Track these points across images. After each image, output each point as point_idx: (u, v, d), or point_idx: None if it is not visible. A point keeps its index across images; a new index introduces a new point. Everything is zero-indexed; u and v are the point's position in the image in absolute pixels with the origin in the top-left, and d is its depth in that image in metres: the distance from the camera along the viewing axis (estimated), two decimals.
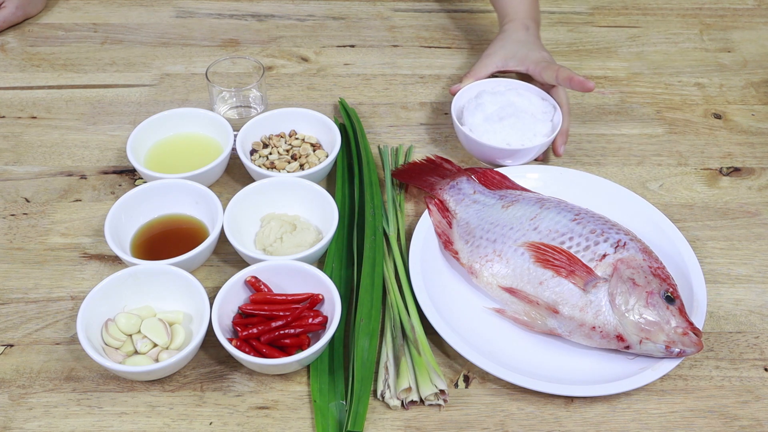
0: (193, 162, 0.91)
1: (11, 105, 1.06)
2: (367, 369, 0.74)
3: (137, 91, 1.09)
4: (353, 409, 0.71)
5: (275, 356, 0.74)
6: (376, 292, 0.80)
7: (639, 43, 1.21)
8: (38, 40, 1.17)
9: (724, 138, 1.05)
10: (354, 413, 0.70)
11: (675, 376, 0.77)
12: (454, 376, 0.77)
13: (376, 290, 0.80)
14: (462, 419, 0.74)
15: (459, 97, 0.99)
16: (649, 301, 0.75)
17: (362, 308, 0.78)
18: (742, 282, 0.87)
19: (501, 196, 0.88)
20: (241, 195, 0.87)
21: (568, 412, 0.74)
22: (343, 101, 1.05)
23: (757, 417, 0.75)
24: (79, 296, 0.82)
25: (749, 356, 0.80)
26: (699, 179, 0.99)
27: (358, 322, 0.77)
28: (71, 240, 0.89)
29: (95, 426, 0.72)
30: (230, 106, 1.01)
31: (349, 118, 1.01)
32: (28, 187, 0.95)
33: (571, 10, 1.28)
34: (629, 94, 1.12)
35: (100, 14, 1.23)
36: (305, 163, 0.94)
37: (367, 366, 0.74)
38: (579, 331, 0.76)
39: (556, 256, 0.78)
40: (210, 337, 0.75)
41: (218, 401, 0.74)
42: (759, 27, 1.25)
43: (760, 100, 1.11)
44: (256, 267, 0.79)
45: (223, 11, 1.25)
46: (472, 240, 0.84)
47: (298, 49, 1.18)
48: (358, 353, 0.75)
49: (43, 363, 0.77)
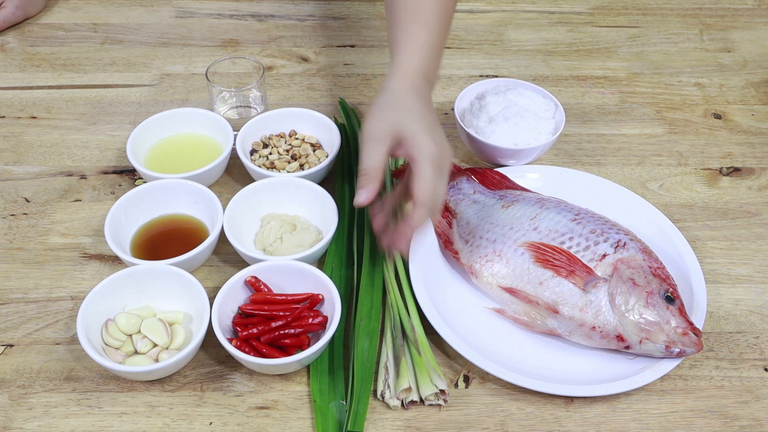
0: (193, 162, 0.91)
1: (11, 105, 1.06)
2: (367, 369, 0.74)
3: (137, 91, 1.09)
4: (353, 409, 0.71)
5: (275, 356, 0.74)
6: (376, 292, 0.80)
7: (639, 43, 1.21)
8: (38, 40, 1.17)
9: (724, 138, 1.05)
10: (354, 413, 0.70)
11: (675, 376, 0.77)
12: (454, 376, 0.77)
13: (376, 290, 0.80)
14: (462, 419, 0.74)
15: (461, 99, 0.99)
16: (649, 301, 0.75)
17: (362, 308, 0.78)
18: (742, 282, 0.87)
19: (501, 196, 0.88)
20: (241, 195, 0.87)
21: (568, 412, 0.74)
22: (343, 101, 1.05)
23: (757, 417, 0.75)
24: (79, 296, 0.82)
25: (749, 356, 0.80)
26: (699, 179, 0.99)
27: (358, 322, 0.77)
28: (71, 240, 0.89)
29: (95, 426, 0.72)
30: (230, 106, 1.01)
31: (349, 118, 1.01)
32: (28, 187, 0.95)
33: (571, 10, 1.28)
34: (629, 94, 1.12)
35: (100, 14, 1.23)
36: (305, 163, 0.94)
37: (367, 366, 0.74)
38: (579, 331, 0.76)
39: (556, 256, 0.78)
40: (210, 337, 0.75)
41: (218, 401, 0.74)
42: (759, 27, 1.25)
43: (760, 100, 1.11)
44: (256, 267, 0.79)
45: (223, 11, 1.25)
46: (472, 240, 0.84)
47: (298, 49, 1.18)
48: (358, 353, 0.75)
49: (43, 363, 0.77)
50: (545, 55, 1.18)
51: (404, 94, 0.79)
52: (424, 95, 0.80)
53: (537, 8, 1.28)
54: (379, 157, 0.76)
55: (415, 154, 0.75)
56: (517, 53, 1.18)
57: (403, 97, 0.79)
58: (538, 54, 1.18)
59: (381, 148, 0.76)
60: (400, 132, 0.76)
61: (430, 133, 0.76)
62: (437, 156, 0.75)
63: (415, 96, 0.79)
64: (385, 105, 0.79)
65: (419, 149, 0.75)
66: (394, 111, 0.78)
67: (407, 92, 0.79)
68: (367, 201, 0.77)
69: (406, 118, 0.77)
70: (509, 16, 1.26)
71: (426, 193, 0.74)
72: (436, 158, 0.75)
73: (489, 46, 1.20)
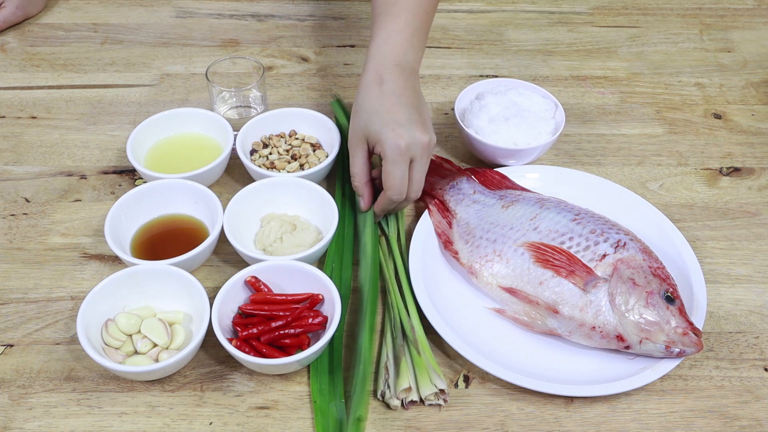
0: (193, 162, 0.91)
1: (11, 105, 1.06)
2: (366, 369, 0.74)
3: (137, 91, 1.09)
4: (353, 408, 0.71)
5: (275, 356, 0.74)
6: (375, 292, 0.80)
7: (639, 43, 1.21)
8: (38, 40, 1.17)
9: (724, 138, 1.05)
10: (354, 412, 0.70)
11: (675, 376, 0.77)
12: (454, 376, 0.77)
13: (376, 290, 0.80)
14: (462, 419, 0.74)
15: (461, 99, 0.99)
16: (649, 301, 0.75)
17: (362, 308, 0.78)
18: (742, 282, 0.87)
19: (501, 196, 0.88)
20: (241, 195, 0.87)
21: (568, 412, 0.74)
22: (339, 100, 1.04)
23: (757, 417, 0.75)
24: (79, 296, 0.82)
25: (749, 356, 0.80)
26: (699, 179, 0.99)
27: (359, 321, 0.77)
28: (71, 240, 0.89)
29: (95, 426, 0.72)
30: (230, 106, 1.01)
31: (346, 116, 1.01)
32: (28, 187, 0.95)
33: (571, 10, 1.28)
34: (629, 94, 1.12)
35: (100, 14, 1.23)
36: (305, 163, 0.94)
37: (367, 366, 0.74)
38: (579, 331, 0.76)
39: (556, 256, 0.78)
40: (210, 337, 0.75)
41: (218, 401, 0.74)
42: (759, 27, 1.25)
43: (760, 100, 1.11)
44: (256, 267, 0.79)
45: (223, 11, 1.25)
46: (472, 240, 0.84)
47: (298, 49, 1.18)
48: (359, 353, 0.75)
49: (43, 363, 0.77)
50: (545, 55, 1.18)
51: (366, 94, 0.82)
52: (391, 86, 0.82)
53: (537, 8, 1.28)
54: (361, 161, 0.84)
55: (383, 152, 0.80)
56: (517, 53, 1.18)
57: (366, 98, 0.82)
58: (538, 54, 1.18)
59: (360, 153, 0.83)
60: (368, 136, 0.82)
61: (394, 127, 0.79)
62: (403, 148, 0.79)
63: (378, 91, 0.81)
64: (357, 108, 0.83)
65: (382, 147, 0.80)
66: (361, 114, 0.82)
67: (370, 90, 0.82)
68: (368, 204, 0.86)
69: (370, 119, 0.81)
70: (509, 16, 1.26)
71: (389, 185, 0.81)
72: (400, 149, 0.79)
73: (489, 46, 1.20)
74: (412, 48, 0.85)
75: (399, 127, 0.79)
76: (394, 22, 0.85)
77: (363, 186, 0.85)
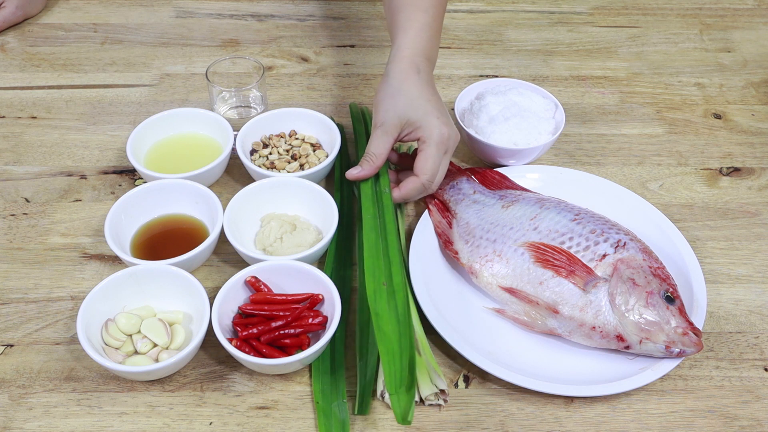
0: (193, 162, 0.91)
1: (11, 105, 1.06)
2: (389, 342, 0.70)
3: (137, 91, 1.09)
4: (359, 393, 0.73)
5: (275, 356, 0.74)
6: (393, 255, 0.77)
7: (639, 43, 1.21)
8: (38, 40, 1.17)
9: (724, 138, 1.05)
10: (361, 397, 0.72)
11: (675, 376, 0.77)
12: (454, 376, 0.77)
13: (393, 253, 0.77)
14: (462, 419, 0.74)
15: (461, 99, 0.99)
16: (649, 301, 0.75)
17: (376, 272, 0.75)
18: (742, 282, 0.87)
19: (501, 196, 0.88)
20: (241, 195, 0.87)
21: (568, 412, 0.74)
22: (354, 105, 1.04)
23: (757, 417, 0.75)
24: (79, 296, 0.82)
25: (749, 356, 0.80)
26: (699, 179, 0.99)
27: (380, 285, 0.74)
28: (71, 240, 0.89)
29: (95, 426, 0.72)
30: (230, 106, 1.01)
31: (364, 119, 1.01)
32: (28, 187, 0.95)
33: (571, 10, 1.28)
34: (629, 94, 1.12)
35: (100, 14, 1.23)
36: (305, 163, 0.94)
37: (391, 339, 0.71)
38: (579, 331, 0.76)
39: (556, 256, 0.78)
40: (210, 337, 0.75)
41: (218, 401, 0.74)
42: (759, 27, 1.25)
43: (760, 100, 1.11)
44: (256, 267, 0.79)
45: (223, 11, 1.25)
46: (472, 240, 0.84)
47: (298, 49, 1.18)
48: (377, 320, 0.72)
49: (43, 363, 0.77)
50: (545, 55, 1.18)
51: (407, 79, 0.83)
52: (426, 76, 0.85)
53: (537, 8, 1.28)
54: (386, 146, 0.83)
55: (425, 137, 0.82)
56: (517, 53, 1.18)
57: (407, 83, 0.83)
58: (538, 54, 1.18)
59: (388, 138, 0.83)
60: (408, 121, 0.82)
61: (438, 116, 0.82)
62: (445, 138, 0.82)
63: (417, 78, 0.83)
64: (391, 93, 0.83)
65: (425, 132, 0.82)
66: (400, 99, 0.83)
67: (409, 76, 0.83)
68: (358, 178, 0.85)
69: (411, 104, 0.82)
70: (509, 16, 1.26)
71: (427, 170, 0.82)
72: (444, 140, 0.82)
73: (489, 46, 1.20)
74: (437, 44, 0.89)
75: (442, 116, 0.83)
76: (423, 16, 0.86)
77: (375, 164, 0.84)
